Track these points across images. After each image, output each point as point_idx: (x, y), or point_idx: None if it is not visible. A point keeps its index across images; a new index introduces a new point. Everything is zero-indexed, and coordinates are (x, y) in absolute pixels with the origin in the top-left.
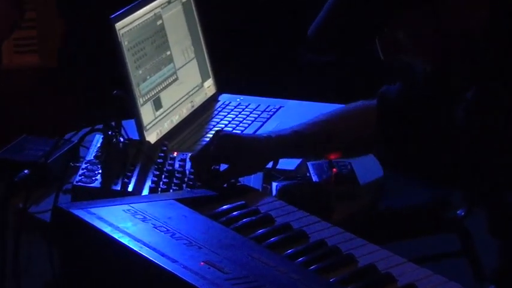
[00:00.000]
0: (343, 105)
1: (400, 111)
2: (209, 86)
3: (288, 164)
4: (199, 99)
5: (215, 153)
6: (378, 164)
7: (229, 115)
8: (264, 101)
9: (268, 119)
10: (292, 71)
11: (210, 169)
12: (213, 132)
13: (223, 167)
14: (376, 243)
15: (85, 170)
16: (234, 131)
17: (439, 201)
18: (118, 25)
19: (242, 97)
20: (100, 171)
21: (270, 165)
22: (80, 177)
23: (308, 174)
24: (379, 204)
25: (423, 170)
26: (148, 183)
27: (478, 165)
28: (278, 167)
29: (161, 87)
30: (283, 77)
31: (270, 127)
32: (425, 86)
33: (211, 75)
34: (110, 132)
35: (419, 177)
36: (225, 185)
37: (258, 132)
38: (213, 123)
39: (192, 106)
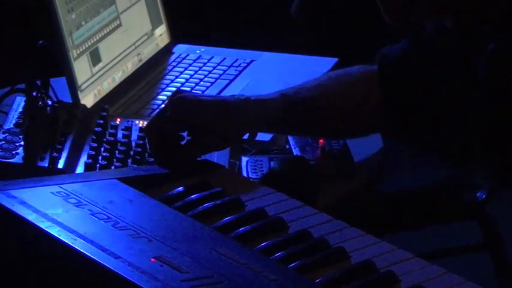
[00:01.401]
0: (333, 59)
1: (406, 71)
2: (161, 35)
3: (261, 133)
4: (148, 51)
5: (171, 122)
6: (377, 137)
7: (186, 71)
8: (231, 54)
9: (236, 76)
10: (266, 15)
11: (169, 142)
12: (168, 93)
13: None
14: (374, 234)
15: (3, 142)
16: (194, 91)
17: (454, 181)
18: None
19: (203, 48)
20: (22, 142)
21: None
22: None
23: (288, 147)
24: (379, 185)
25: (434, 141)
26: (83, 158)
27: (504, 133)
28: None
29: (100, 36)
30: (255, 22)
31: (239, 87)
32: (439, 41)
33: (163, 21)
34: (34, 94)
35: (430, 150)
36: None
37: (223, 94)
38: (166, 81)
39: (140, 60)
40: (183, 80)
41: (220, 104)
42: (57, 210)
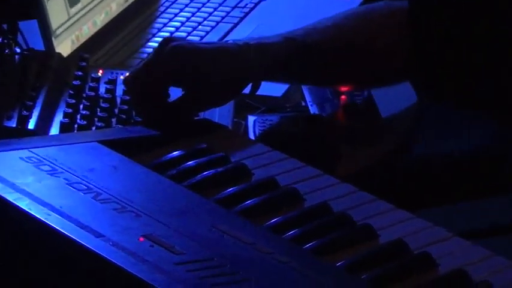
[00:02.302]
0: None
1: (441, 8)
2: None
3: (272, 87)
4: None
5: (164, 74)
6: (409, 88)
7: (182, 13)
8: None
9: (241, 19)
10: None
11: (157, 97)
12: (159, 40)
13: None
14: (407, 208)
15: None
16: (190, 37)
17: (502, 145)
18: None
19: None
20: None
21: (246, 90)
22: None
23: (303, 104)
24: (412, 150)
25: (478, 97)
26: (58, 117)
27: None
28: (258, 92)
29: None
30: None
31: (245, 32)
32: None
33: None
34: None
35: (473, 108)
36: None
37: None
38: (158, 25)
39: (126, 0)
40: (177, 24)
41: (218, 51)
42: (27, 179)
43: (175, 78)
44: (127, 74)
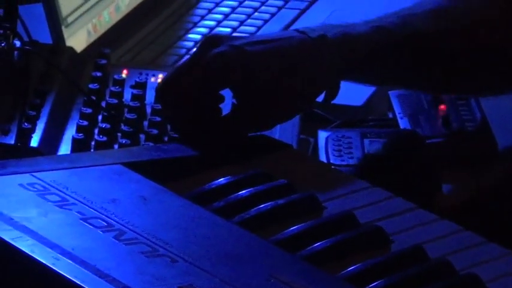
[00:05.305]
0: None
1: None
2: None
3: (349, 94)
4: None
5: (210, 81)
6: None
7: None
8: None
9: (311, 3)
10: None
11: (200, 109)
12: (201, 31)
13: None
14: None
15: None
16: (244, 27)
17: None
18: None
19: None
20: None
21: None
22: None
23: (391, 116)
24: None
25: None
26: (70, 132)
27: None
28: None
29: None
30: None
31: (316, 22)
32: None
33: None
34: None
35: None
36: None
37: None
38: (200, 11)
39: None
40: (226, 10)
41: (280, 51)
42: (29, 212)
43: (225, 84)
44: (160, 75)
